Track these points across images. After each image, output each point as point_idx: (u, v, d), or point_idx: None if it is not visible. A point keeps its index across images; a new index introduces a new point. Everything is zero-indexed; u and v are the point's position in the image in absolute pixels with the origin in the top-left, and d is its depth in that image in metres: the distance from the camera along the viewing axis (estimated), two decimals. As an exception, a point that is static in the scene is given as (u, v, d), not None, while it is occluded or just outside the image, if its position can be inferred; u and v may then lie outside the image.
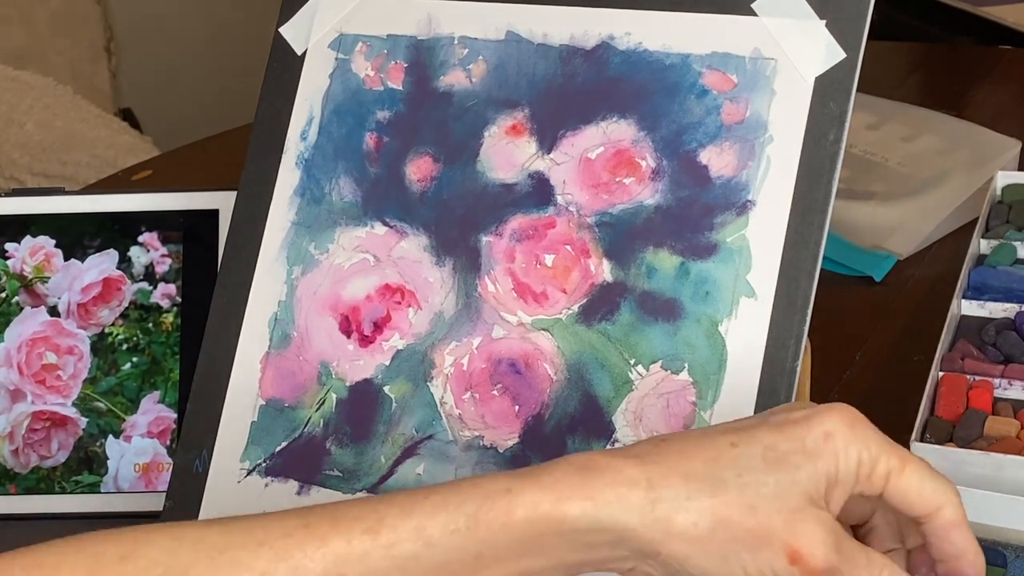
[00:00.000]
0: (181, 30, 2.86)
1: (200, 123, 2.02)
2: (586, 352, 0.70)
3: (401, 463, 0.73)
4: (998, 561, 0.78)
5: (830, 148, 0.67)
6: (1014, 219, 1.13)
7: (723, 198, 0.69)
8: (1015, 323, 0.99)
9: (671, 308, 0.69)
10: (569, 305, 0.71)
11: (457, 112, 0.76)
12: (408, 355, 0.74)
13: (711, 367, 0.68)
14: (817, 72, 0.69)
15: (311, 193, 0.78)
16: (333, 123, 0.79)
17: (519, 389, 0.71)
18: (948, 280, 1.05)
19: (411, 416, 0.73)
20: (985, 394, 0.92)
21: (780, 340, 0.66)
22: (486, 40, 0.76)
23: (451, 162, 0.75)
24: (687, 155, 0.70)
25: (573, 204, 0.72)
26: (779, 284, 0.67)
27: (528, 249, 0.73)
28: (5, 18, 2.39)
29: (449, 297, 0.74)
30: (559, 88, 0.74)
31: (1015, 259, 1.08)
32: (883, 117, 1.40)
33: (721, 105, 0.70)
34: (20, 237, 1.00)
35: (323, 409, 0.75)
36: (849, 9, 0.68)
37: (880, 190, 1.29)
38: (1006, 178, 1.18)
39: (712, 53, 0.71)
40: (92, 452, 0.92)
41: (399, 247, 0.76)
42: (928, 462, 0.59)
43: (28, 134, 2.01)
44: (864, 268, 1.20)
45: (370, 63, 0.79)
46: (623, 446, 0.60)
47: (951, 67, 1.67)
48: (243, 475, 0.76)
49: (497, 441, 0.71)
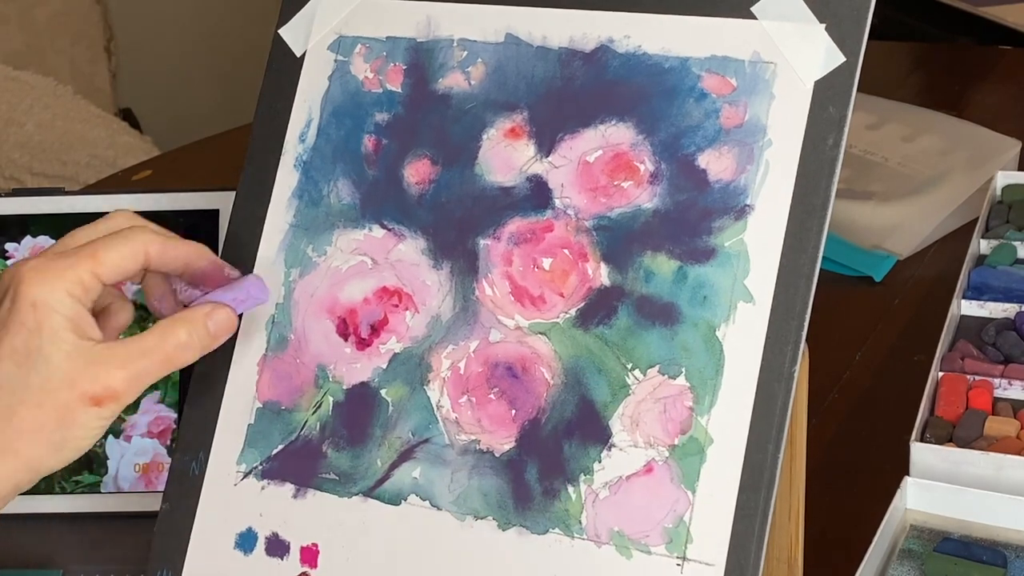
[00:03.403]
0: (181, 30, 2.86)
1: (200, 123, 2.02)
2: (583, 356, 0.70)
3: (397, 467, 0.73)
4: (998, 561, 0.78)
5: (829, 152, 0.67)
6: (1014, 219, 1.13)
7: (721, 202, 0.69)
8: (1015, 323, 0.99)
9: (669, 312, 0.69)
10: (566, 309, 0.71)
11: (456, 115, 0.76)
12: (405, 358, 0.74)
13: (708, 372, 0.67)
14: (816, 76, 0.68)
15: (309, 195, 0.78)
16: (332, 125, 0.79)
17: (516, 393, 0.71)
18: (948, 280, 1.05)
19: (407, 419, 0.73)
20: (985, 394, 0.92)
21: (778, 345, 0.66)
22: (485, 42, 0.76)
23: (449, 165, 0.75)
24: (685, 159, 0.70)
25: (571, 207, 0.72)
26: (777, 289, 0.67)
27: (526, 252, 0.73)
28: (5, 18, 2.39)
29: (446, 300, 0.74)
30: (558, 91, 0.74)
31: (1015, 259, 1.08)
32: (883, 117, 1.41)
33: (720, 109, 0.70)
34: (20, 237, 1.00)
35: (320, 412, 0.75)
36: (849, 13, 0.68)
37: (880, 190, 1.29)
38: (1006, 178, 1.19)
39: (711, 56, 0.71)
40: (92, 452, 0.92)
41: (397, 250, 0.75)
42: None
43: (28, 134, 2.01)
44: (864, 268, 1.21)
45: (369, 65, 0.79)
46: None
47: (951, 67, 1.67)
48: (239, 478, 0.76)
49: (493, 445, 0.71)
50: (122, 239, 0.68)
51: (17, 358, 0.65)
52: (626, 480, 0.68)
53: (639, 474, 0.68)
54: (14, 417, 0.65)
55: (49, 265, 0.66)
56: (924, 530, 0.82)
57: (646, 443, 0.68)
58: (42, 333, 0.65)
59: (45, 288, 0.65)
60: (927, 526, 0.82)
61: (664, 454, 0.68)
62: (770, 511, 0.65)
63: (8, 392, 0.65)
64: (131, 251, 0.68)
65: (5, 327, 0.65)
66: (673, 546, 0.67)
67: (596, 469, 0.69)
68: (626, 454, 0.68)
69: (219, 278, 0.73)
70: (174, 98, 2.77)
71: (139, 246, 0.68)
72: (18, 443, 0.65)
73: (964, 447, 0.87)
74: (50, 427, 0.65)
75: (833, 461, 0.95)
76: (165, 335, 0.68)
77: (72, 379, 0.65)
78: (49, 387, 0.65)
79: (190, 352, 0.69)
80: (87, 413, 0.66)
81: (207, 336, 0.70)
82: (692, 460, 0.67)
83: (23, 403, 0.65)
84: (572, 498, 0.69)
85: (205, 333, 0.70)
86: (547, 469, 0.70)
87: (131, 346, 0.67)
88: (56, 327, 0.65)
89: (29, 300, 0.65)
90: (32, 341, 0.65)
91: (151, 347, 0.68)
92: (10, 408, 0.65)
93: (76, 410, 0.65)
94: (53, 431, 0.65)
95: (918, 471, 0.86)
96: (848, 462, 0.97)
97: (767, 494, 0.65)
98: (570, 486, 0.69)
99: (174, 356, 0.68)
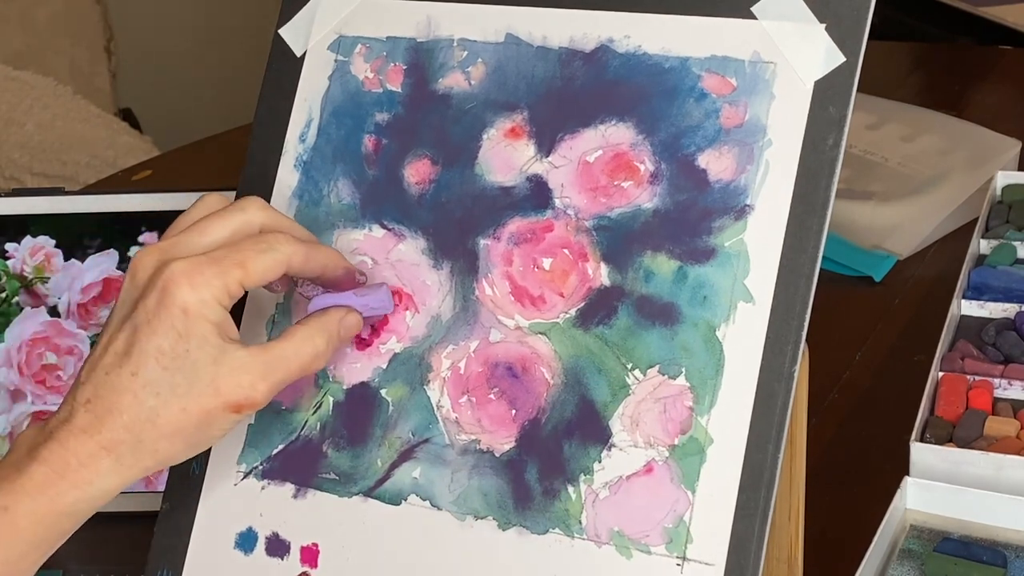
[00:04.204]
0: (181, 30, 2.86)
1: (200, 123, 2.02)
2: (583, 356, 0.70)
3: (397, 467, 0.73)
4: (998, 561, 0.78)
5: (829, 152, 0.67)
6: (1014, 219, 1.13)
7: (721, 202, 0.69)
8: (1015, 323, 0.99)
9: (668, 312, 0.69)
10: (566, 309, 0.71)
11: (456, 115, 0.76)
12: (405, 358, 0.74)
13: (708, 372, 0.67)
14: (816, 76, 0.68)
15: (309, 195, 0.78)
16: (332, 125, 0.79)
17: (516, 393, 0.71)
18: (948, 280, 1.05)
19: (408, 419, 0.73)
20: (985, 394, 0.92)
21: (778, 345, 0.66)
22: (485, 42, 0.76)
23: (449, 165, 0.75)
24: (685, 159, 0.70)
25: (571, 207, 0.72)
26: (777, 289, 0.67)
27: (526, 252, 0.73)
28: (5, 18, 2.39)
29: (447, 300, 0.74)
30: (558, 91, 0.74)
31: (1015, 259, 1.08)
32: (883, 117, 1.41)
33: (720, 109, 0.70)
34: (20, 237, 1.00)
35: (320, 412, 0.75)
36: (849, 13, 0.68)
37: (880, 190, 1.29)
38: (1006, 178, 1.19)
39: (711, 56, 0.71)
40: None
41: (397, 250, 0.76)
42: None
43: (28, 134, 2.01)
44: (864, 268, 1.21)
45: (369, 65, 0.79)
46: (73, 425, 0.66)
47: (951, 67, 1.67)
48: (240, 478, 0.76)
49: (494, 445, 0.71)
50: (270, 251, 0.68)
51: (163, 360, 0.65)
52: (626, 480, 0.68)
53: (639, 474, 0.68)
54: (158, 419, 0.65)
55: (202, 270, 0.66)
56: (924, 530, 0.82)
57: (646, 443, 0.68)
58: (191, 338, 0.65)
59: (196, 295, 0.65)
60: (927, 526, 0.82)
61: (664, 454, 0.68)
62: (770, 511, 0.65)
63: (152, 393, 0.65)
64: (276, 263, 0.68)
65: (151, 327, 0.65)
66: (673, 546, 0.67)
67: (596, 469, 0.69)
68: (626, 454, 0.68)
69: (350, 282, 0.73)
70: (174, 98, 2.77)
71: (284, 258, 0.68)
72: (159, 443, 0.66)
73: (964, 447, 0.87)
74: (190, 430, 0.66)
75: (833, 461, 0.95)
76: (304, 343, 0.68)
77: (217, 387, 0.66)
78: (194, 392, 0.65)
79: (325, 359, 0.69)
80: (226, 418, 0.66)
81: (339, 343, 0.70)
82: (692, 460, 0.67)
83: (168, 405, 0.65)
84: (572, 498, 0.69)
85: (338, 340, 0.70)
86: (547, 469, 0.70)
87: (273, 352, 0.67)
88: (205, 333, 0.65)
89: (180, 304, 0.65)
90: (180, 345, 0.65)
91: (291, 355, 0.68)
92: (154, 410, 0.65)
93: (217, 416, 0.66)
94: (192, 433, 0.66)
95: (918, 471, 0.86)
96: (848, 462, 0.97)
97: (767, 494, 0.65)
98: (570, 486, 0.69)
99: (311, 364, 0.69)
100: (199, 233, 0.69)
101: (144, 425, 0.65)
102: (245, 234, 0.69)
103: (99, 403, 0.66)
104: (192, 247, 0.68)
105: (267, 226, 0.70)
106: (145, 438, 0.66)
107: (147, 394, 0.65)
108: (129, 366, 0.65)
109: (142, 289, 0.67)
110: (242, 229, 0.69)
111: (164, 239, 0.69)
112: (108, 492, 0.66)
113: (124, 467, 0.66)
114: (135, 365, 0.65)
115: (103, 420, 0.65)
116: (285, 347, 0.68)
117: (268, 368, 0.67)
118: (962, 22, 1.85)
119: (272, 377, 0.67)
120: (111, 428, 0.65)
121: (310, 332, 0.69)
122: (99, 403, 0.66)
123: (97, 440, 0.65)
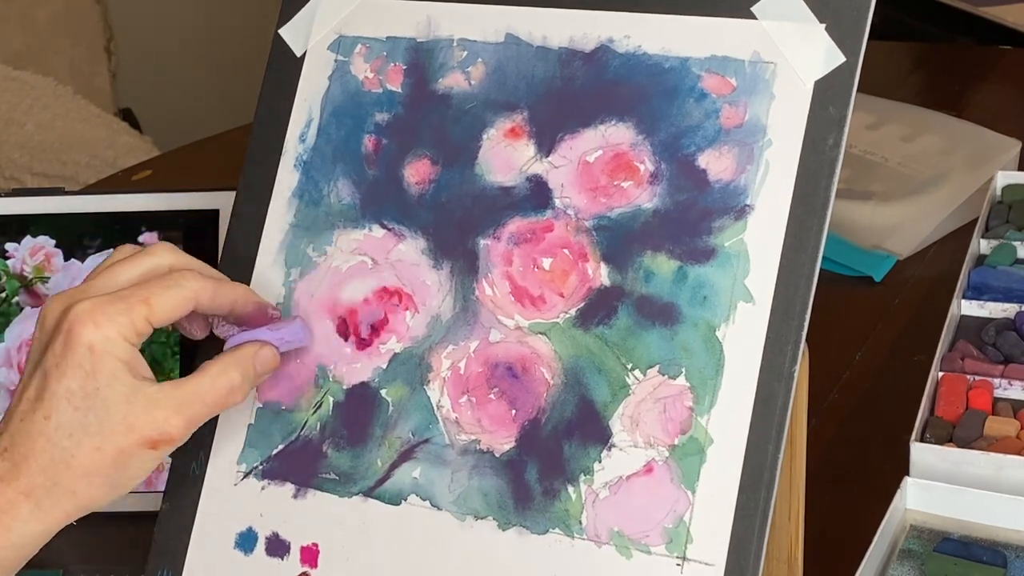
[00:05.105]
0: (181, 30, 2.86)
1: (200, 123, 2.02)
2: (583, 356, 0.70)
3: (397, 467, 0.73)
4: (998, 561, 0.78)
5: (829, 152, 0.67)
6: (1014, 219, 1.13)
7: (721, 202, 0.69)
8: (1015, 323, 0.99)
9: (668, 312, 0.69)
10: (566, 309, 0.71)
11: (456, 115, 0.76)
12: (405, 358, 0.74)
13: (708, 372, 0.67)
14: (816, 76, 0.68)
15: (309, 195, 0.78)
16: (332, 125, 0.79)
17: (516, 393, 0.71)
18: (948, 280, 1.05)
19: (408, 419, 0.73)
20: (985, 394, 0.92)
21: (778, 345, 0.66)
22: (485, 42, 0.76)
23: (449, 165, 0.75)
24: (685, 159, 0.70)
25: (571, 207, 0.72)
26: (777, 289, 0.67)
27: (526, 252, 0.73)
28: (5, 18, 2.39)
29: (447, 300, 0.74)
30: (558, 91, 0.74)
31: (1015, 259, 1.08)
32: (883, 117, 1.41)
33: (720, 109, 0.70)
34: (20, 237, 1.00)
35: (320, 412, 0.75)
36: (849, 13, 0.68)
37: (880, 190, 1.29)
38: (1006, 178, 1.19)
39: (711, 56, 0.71)
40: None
41: (397, 250, 0.76)
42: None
43: (28, 134, 2.01)
44: (864, 268, 1.21)
45: (369, 65, 0.79)
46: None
47: (951, 67, 1.67)
48: (240, 477, 0.76)
49: (494, 445, 0.71)
50: (175, 287, 0.68)
51: (75, 400, 0.65)
52: (626, 480, 0.68)
53: (639, 474, 0.68)
54: (72, 460, 0.66)
55: (104, 308, 0.66)
56: (924, 530, 0.82)
57: (646, 443, 0.68)
58: (99, 376, 0.65)
59: (100, 332, 0.66)
60: (927, 526, 0.82)
61: (664, 454, 0.68)
62: (770, 511, 0.65)
63: (66, 435, 0.66)
64: (183, 299, 0.68)
65: (59, 369, 0.66)
66: (673, 546, 0.67)
67: (596, 469, 0.69)
68: (626, 454, 0.68)
69: (262, 318, 0.73)
70: (174, 98, 2.77)
71: (191, 294, 0.69)
72: (76, 485, 0.66)
73: (964, 447, 0.87)
74: (107, 469, 0.66)
75: (833, 461, 0.95)
76: (218, 378, 0.69)
77: (130, 424, 0.66)
78: (107, 431, 0.66)
79: (241, 394, 0.70)
80: (143, 456, 0.67)
81: (255, 377, 0.71)
82: (692, 460, 0.67)
83: (81, 446, 0.65)
84: (572, 498, 0.69)
85: (254, 374, 0.70)
86: (547, 469, 0.70)
87: (186, 388, 0.68)
88: (114, 371, 0.66)
89: (85, 343, 0.65)
90: (89, 384, 0.65)
91: (206, 390, 0.68)
92: (68, 451, 0.66)
93: (133, 454, 0.66)
94: (110, 473, 0.66)
95: (918, 471, 0.86)
96: (848, 462, 0.97)
97: (767, 494, 0.65)
98: (570, 486, 0.69)
99: (227, 399, 0.69)
100: (106, 277, 0.69)
101: (59, 467, 0.66)
102: (154, 275, 0.69)
103: (15, 450, 0.66)
104: (99, 290, 0.68)
105: (176, 267, 0.70)
106: (61, 480, 0.66)
107: (60, 436, 0.65)
108: (42, 410, 0.66)
109: (50, 334, 0.67)
110: (151, 271, 0.70)
111: (73, 287, 0.70)
112: (32, 538, 0.66)
113: (43, 511, 0.66)
114: (47, 408, 0.66)
115: (19, 467, 0.66)
116: (200, 382, 0.68)
117: (182, 403, 0.67)
118: (962, 22, 1.85)
119: (187, 411, 0.67)
120: (27, 473, 0.66)
121: (224, 366, 0.69)
122: (15, 450, 0.66)
123: (15, 487, 0.66)
